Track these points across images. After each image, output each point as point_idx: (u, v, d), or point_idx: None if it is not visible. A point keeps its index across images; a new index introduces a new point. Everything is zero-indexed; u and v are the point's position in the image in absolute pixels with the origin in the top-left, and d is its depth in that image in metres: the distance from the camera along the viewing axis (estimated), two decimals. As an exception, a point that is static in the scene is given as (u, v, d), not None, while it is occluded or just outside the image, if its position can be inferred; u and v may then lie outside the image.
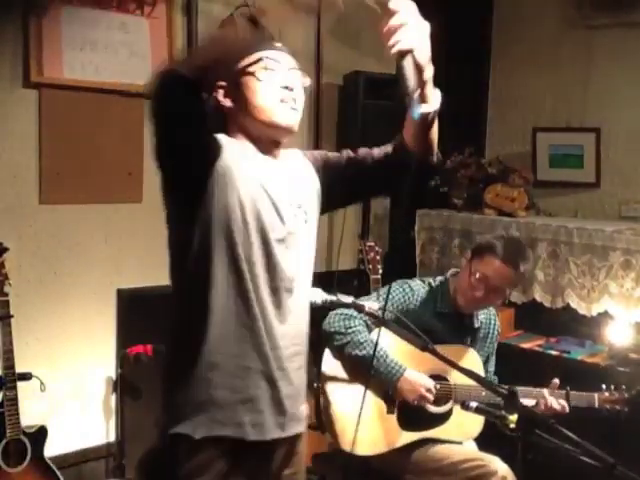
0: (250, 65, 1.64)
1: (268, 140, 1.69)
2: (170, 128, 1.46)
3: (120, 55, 3.13)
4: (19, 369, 2.73)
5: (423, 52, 1.49)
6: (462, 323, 2.61)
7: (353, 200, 1.98)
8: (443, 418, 2.51)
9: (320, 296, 1.97)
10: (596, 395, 2.51)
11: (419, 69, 1.51)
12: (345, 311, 2.47)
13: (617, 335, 3.12)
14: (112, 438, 3.27)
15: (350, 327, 2.46)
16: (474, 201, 3.74)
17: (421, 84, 1.56)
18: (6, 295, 2.71)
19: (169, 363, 1.72)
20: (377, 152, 1.84)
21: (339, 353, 2.52)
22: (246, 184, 1.60)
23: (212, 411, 1.60)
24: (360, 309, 1.95)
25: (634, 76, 3.51)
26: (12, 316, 2.70)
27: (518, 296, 3.51)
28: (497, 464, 2.40)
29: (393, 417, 2.50)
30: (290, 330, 1.68)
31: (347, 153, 1.85)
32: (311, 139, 3.75)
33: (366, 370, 2.45)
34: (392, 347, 2.49)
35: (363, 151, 1.85)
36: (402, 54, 1.48)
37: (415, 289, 2.59)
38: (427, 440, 2.51)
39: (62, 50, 2.98)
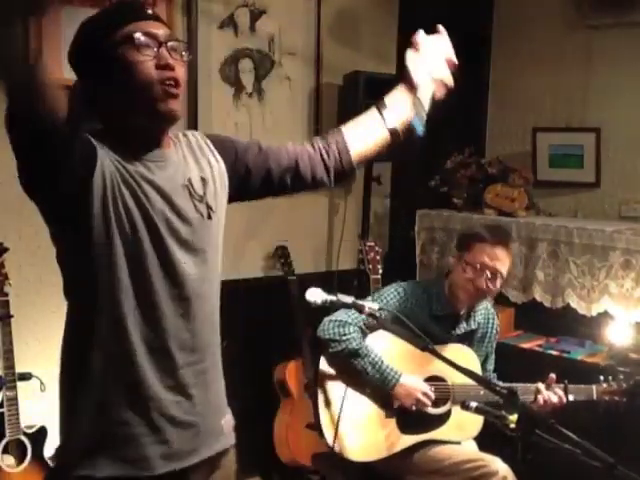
0: (117, 46, 1.38)
1: (151, 131, 1.46)
2: (32, 147, 1.28)
3: (120, 55, 3.13)
4: (19, 369, 2.73)
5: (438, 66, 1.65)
6: (459, 324, 2.60)
7: (264, 194, 1.74)
8: (442, 419, 2.52)
9: (320, 296, 1.97)
10: (594, 387, 2.52)
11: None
12: (339, 317, 2.47)
13: (617, 335, 3.12)
14: (112, 438, 3.28)
15: (344, 334, 2.45)
16: (474, 201, 3.74)
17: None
18: (6, 295, 2.71)
19: (61, 397, 1.56)
20: (293, 148, 1.71)
21: (334, 360, 2.51)
22: (131, 187, 1.40)
23: (114, 448, 1.43)
24: (360, 309, 1.95)
25: (634, 76, 3.51)
26: (12, 316, 2.70)
27: (518, 296, 3.51)
28: (498, 464, 2.40)
29: (392, 421, 2.50)
30: (198, 342, 1.51)
31: (259, 143, 1.68)
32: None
33: (362, 377, 2.44)
34: (388, 351, 2.49)
35: (276, 146, 1.70)
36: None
37: (410, 292, 2.58)
38: (428, 441, 2.52)
39: (62, 50, 2.96)
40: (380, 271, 3.35)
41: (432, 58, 1.66)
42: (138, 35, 1.38)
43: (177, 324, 1.46)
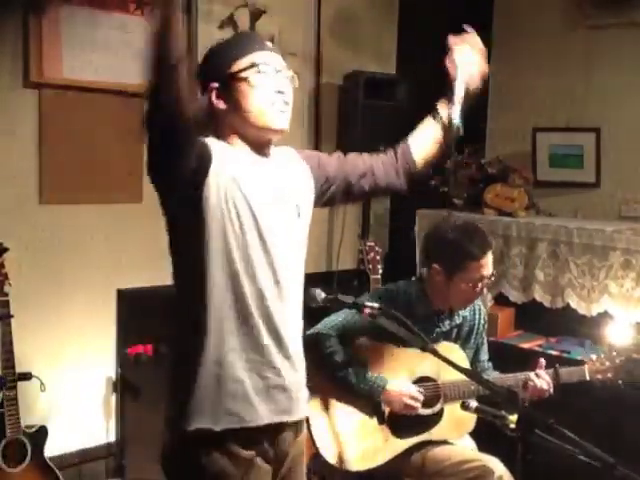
0: (243, 70, 1.68)
1: (260, 141, 1.74)
2: (163, 142, 1.50)
3: (120, 55, 3.13)
4: (19, 369, 2.73)
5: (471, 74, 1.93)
6: (443, 321, 2.59)
7: (343, 200, 2.02)
8: (436, 419, 2.51)
9: (320, 296, 1.97)
10: (586, 367, 2.51)
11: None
12: (318, 330, 2.46)
13: (617, 335, 3.12)
14: (112, 438, 3.28)
15: (326, 348, 2.44)
16: (474, 201, 3.74)
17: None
18: (6, 295, 2.71)
19: (176, 362, 1.76)
20: (369, 157, 1.97)
21: (318, 374, 2.49)
22: (240, 186, 1.65)
23: (225, 403, 1.66)
24: (360, 309, 1.95)
25: (634, 76, 3.51)
26: (12, 316, 2.71)
27: (518, 296, 3.51)
28: (495, 464, 2.40)
29: (385, 427, 2.50)
30: (290, 319, 1.76)
31: (339, 154, 1.95)
32: (311, 139, 3.75)
33: (348, 388, 2.43)
34: (373, 358, 2.48)
35: (353, 155, 1.96)
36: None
37: (389, 295, 2.56)
38: (425, 443, 2.51)
39: (62, 50, 2.98)
40: (380, 271, 3.34)
41: (468, 58, 1.95)
42: (261, 63, 1.68)
43: (276, 304, 1.71)
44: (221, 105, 1.69)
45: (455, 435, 2.54)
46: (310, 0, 3.76)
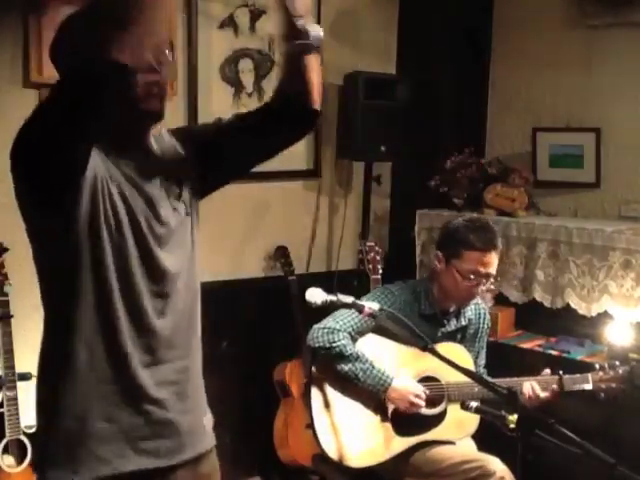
0: None
1: (135, 130, 1.50)
2: (49, 129, 1.31)
3: (120, 55, 3.13)
4: (19, 369, 2.73)
5: None
6: (448, 321, 2.60)
7: (234, 171, 1.73)
8: (439, 419, 2.51)
9: (320, 296, 1.97)
10: (590, 375, 2.51)
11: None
12: (328, 325, 2.46)
13: (617, 335, 3.12)
14: (112, 438, 3.27)
15: (334, 341, 2.44)
16: (474, 201, 3.74)
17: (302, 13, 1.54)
18: (6, 295, 2.71)
19: (38, 395, 1.50)
20: (244, 114, 1.71)
21: (325, 368, 2.50)
22: (117, 184, 1.43)
23: (94, 446, 1.41)
24: (360, 309, 1.95)
25: (634, 76, 3.50)
26: (12, 316, 2.70)
27: (518, 296, 3.51)
28: (495, 464, 2.40)
29: (388, 424, 2.50)
30: (176, 340, 1.51)
31: (210, 123, 1.73)
32: (311, 139, 3.75)
33: (354, 383, 2.44)
34: (379, 355, 2.48)
35: (227, 118, 1.72)
36: None
37: (397, 293, 2.57)
38: (426, 442, 2.51)
39: (62, 50, 2.98)
40: (380, 271, 3.35)
41: None
42: None
43: (158, 321, 1.47)
44: None
45: (457, 436, 2.55)
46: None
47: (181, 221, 1.54)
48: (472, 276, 2.45)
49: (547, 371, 2.49)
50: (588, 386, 2.50)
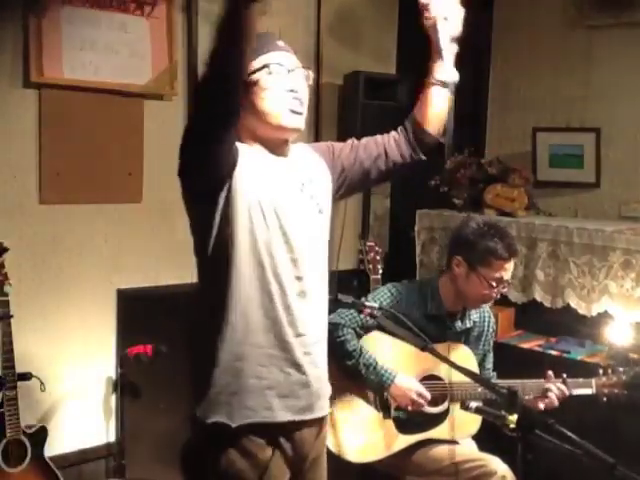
0: (255, 72, 1.69)
1: (276, 141, 1.75)
2: (208, 143, 1.52)
3: (120, 55, 3.13)
4: (19, 369, 2.73)
5: (453, 24, 1.82)
6: (454, 323, 2.60)
7: (362, 186, 2.09)
8: (441, 418, 2.52)
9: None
10: (593, 380, 2.51)
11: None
12: (333, 320, 2.46)
13: (617, 335, 3.12)
14: (112, 438, 3.28)
15: (338, 336, 2.45)
16: (474, 201, 3.74)
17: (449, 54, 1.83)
18: (6, 295, 2.71)
19: (197, 353, 1.76)
20: (381, 137, 1.96)
21: (329, 363, 2.50)
22: (262, 183, 1.68)
23: (243, 398, 1.67)
24: (360, 309, 1.95)
25: (634, 76, 3.51)
26: (12, 316, 2.70)
27: (518, 296, 3.51)
28: (497, 464, 2.40)
29: (390, 422, 2.50)
30: (313, 316, 1.77)
31: (352, 141, 1.96)
32: (311, 139, 3.75)
33: (357, 379, 2.44)
34: (383, 352, 2.49)
35: (366, 139, 1.96)
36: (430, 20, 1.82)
37: (403, 292, 2.57)
38: (427, 441, 2.51)
39: (62, 50, 2.98)
40: (380, 271, 3.34)
41: (442, 9, 1.84)
42: (272, 64, 1.70)
43: (298, 300, 1.72)
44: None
45: (459, 436, 2.55)
46: (310, 0, 3.76)
47: (315, 219, 1.80)
48: (494, 283, 2.47)
49: (549, 373, 2.49)
50: (591, 391, 2.50)
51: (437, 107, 1.92)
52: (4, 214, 2.91)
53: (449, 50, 1.83)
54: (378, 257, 3.34)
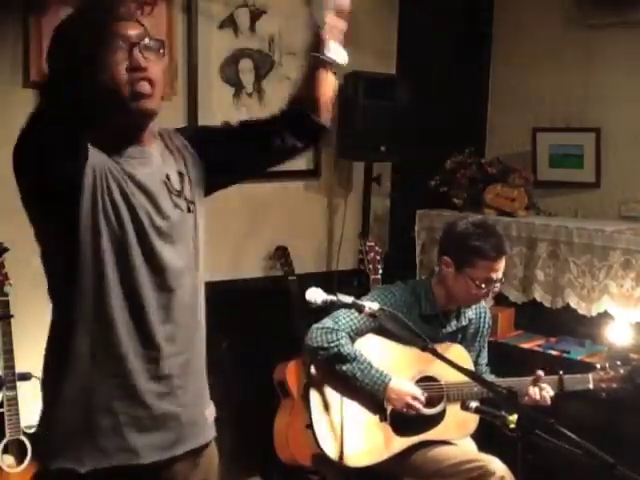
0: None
1: (130, 129, 1.52)
2: (48, 128, 1.34)
3: (120, 55, 3.13)
4: (19, 369, 2.73)
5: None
6: (449, 322, 2.60)
7: (238, 175, 1.78)
8: (438, 419, 2.51)
9: (320, 296, 1.97)
10: (590, 375, 2.51)
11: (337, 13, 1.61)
12: (327, 325, 2.46)
13: (617, 335, 3.12)
14: (112, 438, 3.27)
15: (332, 341, 2.44)
16: (474, 201, 3.74)
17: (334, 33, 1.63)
18: (6, 295, 2.71)
19: (43, 387, 1.53)
20: (253, 121, 1.77)
21: (323, 368, 2.50)
22: (117, 182, 1.46)
23: (96, 438, 1.44)
24: (360, 309, 1.95)
25: (634, 76, 3.50)
26: (12, 316, 2.70)
27: (518, 296, 3.51)
28: (496, 464, 2.40)
29: (387, 424, 2.50)
30: (181, 333, 1.54)
31: (218, 126, 1.79)
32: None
33: (352, 383, 2.44)
34: (378, 355, 2.48)
35: (241, 121, 1.77)
36: None
37: (397, 294, 2.57)
38: (426, 442, 2.51)
39: (62, 50, 2.98)
40: (380, 271, 3.34)
41: None
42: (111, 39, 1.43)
43: (160, 315, 1.50)
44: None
45: (457, 436, 2.55)
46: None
47: (183, 217, 1.56)
48: (483, 284, 2.46)
49: (540, 372, 2.48)
50: (589, 386, 2.50)
51: (325, 91, 1.75)
52: (4, 214, 2.91)
53: (334, 25, 1.64)
54: (378, 257, 3.35)
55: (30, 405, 2.95)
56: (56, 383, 1.46)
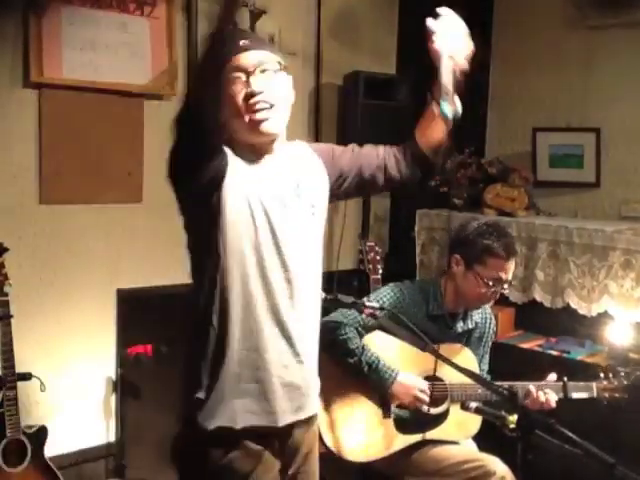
0: (223, 77, 1.63)
1: (257, 145, 1.72)
2: (198, 144, 1.52)
3: (120, 55, 3.13)
4: (19, 369, 2.73)
5: (459, 60, 1.84)
6: (456, 323, 2.60)
7: (358, 194, 2.08)
8: (440, 418, 2.51)
9: (320, 296, 1.97)
10: (594, 384, 2.51)
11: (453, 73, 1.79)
12: (335, 319, 2.47)
13: (617, 335, 3.12)
14: (112, 438, 3.28)
15: (340, 335, 2.45)
16: (474, 201, 3.74)
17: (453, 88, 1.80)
18: (6, 295, 2.71)
19: (193, 361, 1.75)
20: (383, 150, 1.95)
21: (331, 361, 2.50)
22: (250, 185, 1.66)
23: (245, 402, 1.70)
24: (360, 309, 1.95)
25: (634, 76, 3.51)
26: (12, 316, 2.70)
27: (518, 296, 3.51)
28: (496, 464, 2.40)
29: (390, 421, 2.50)
30: (301, 318, 1.76)
31: (353, 147, 1.95)
32: (311, 139, 3.75)
33: (359, 377, 2.44)
34: (385, 351, 2.49)
35: (368, 148, 1.95)
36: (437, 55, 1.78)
37: (406, 292, 2.58)
38: (426, 441, 2.51)
39: (62, 50, 2.98)
40: (380, 271, 3.34)
41: (449, 42, 1.86)
42: (231, 71, 1.64)
43: (287, 303, 1.73)
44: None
45: (459, 436, 2.55)
46: (310, 0, 3.76)
47: (308, 221, 1.77)
48: (492, 282, 2.47)
49: (552, 376, 2.48)
50: (592, 394, 2.50)
51: (437, 135, 1.92)
52: (4, 214, 2.91)
53: (452, 84, 1.81)
54: (378, 257, 3.34)
55: (30, 405, 2.96)
56: (213, 356, 1.69)
